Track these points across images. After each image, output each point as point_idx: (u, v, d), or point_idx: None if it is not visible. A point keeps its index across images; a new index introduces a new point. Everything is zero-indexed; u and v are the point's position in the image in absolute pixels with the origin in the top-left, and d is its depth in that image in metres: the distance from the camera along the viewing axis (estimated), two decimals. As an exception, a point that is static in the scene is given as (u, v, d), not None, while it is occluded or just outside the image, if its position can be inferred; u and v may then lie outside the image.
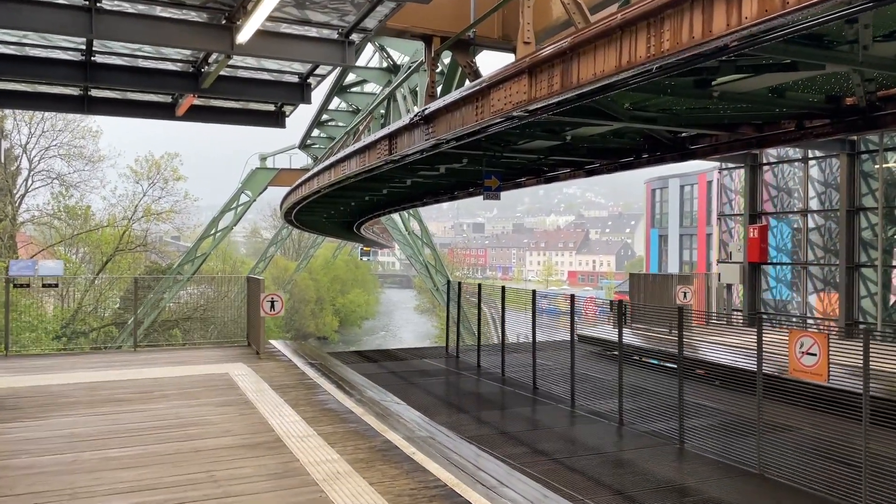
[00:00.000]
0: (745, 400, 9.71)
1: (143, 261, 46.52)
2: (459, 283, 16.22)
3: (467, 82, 10.99)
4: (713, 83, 8.30)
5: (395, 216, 49.47)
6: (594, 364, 15.64)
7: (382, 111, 22.92)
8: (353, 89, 24.99)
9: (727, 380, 10.94)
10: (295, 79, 10.94)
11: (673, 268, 52.24)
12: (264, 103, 13.18)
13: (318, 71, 10.83)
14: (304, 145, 36.31)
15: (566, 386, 12.06)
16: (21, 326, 24.70)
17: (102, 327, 41.23)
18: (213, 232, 41.21)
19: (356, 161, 15.12)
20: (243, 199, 40.96)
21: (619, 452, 8.86)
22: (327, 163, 18.23)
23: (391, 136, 12.48)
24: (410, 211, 43.14)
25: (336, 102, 27.96)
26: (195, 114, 12.86)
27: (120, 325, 40.62)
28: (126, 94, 12.32)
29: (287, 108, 13.35)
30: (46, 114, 37.59)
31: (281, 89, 11.03)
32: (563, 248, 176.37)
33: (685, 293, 15.45)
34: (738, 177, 18.20)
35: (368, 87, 25.20)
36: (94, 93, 12.13)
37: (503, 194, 24.95)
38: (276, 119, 13.42)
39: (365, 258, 71.06)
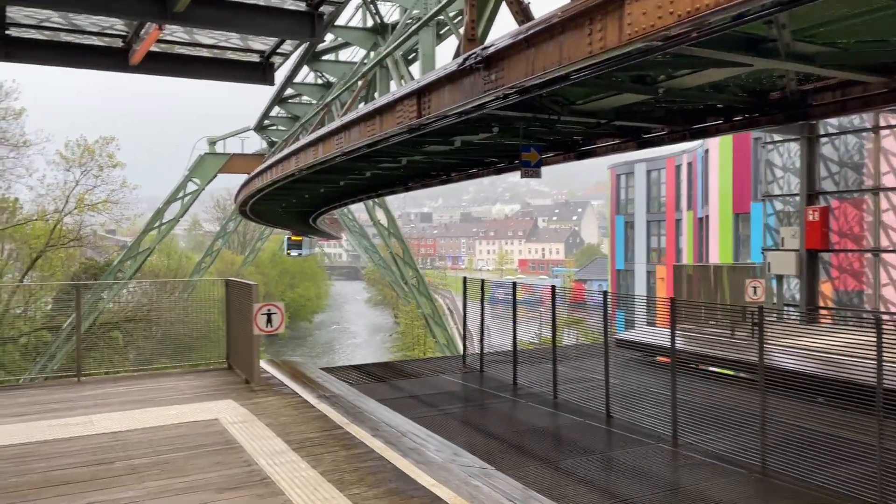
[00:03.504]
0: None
1: (77, 257, 42.11)
2: (483, 281, 13.36)
3: (511, 28, 8.10)
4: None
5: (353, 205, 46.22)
6: (642, 375, 13.08)
7: (360, 83, 19.77)
8: (326, 57, 21.72)
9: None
10: (302, 6, 7.90)
11: (640, 255, 50.73)
12: (246, 52, 10.06)
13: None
14: (260, 127, 32.69)
15: (652, 412, 9.38)
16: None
17: (33, 332, 36.87)
18: (157, 224, 37.15)
19: (359, 131, 12.07)
20: (191, 187, 37.00)
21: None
22: (312, 137, 15.09)
23: (422, 93, 9.49)
24: (376, 199, 39.95)
25: (302, 75, 24.63)
26: (154, 64, 9.61)
27: (53, 329, 36.36)
28: (59, 35, 9.07)
29: (276, 59, 10.26)
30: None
31: (282, 21, 7.95)
32: (512, 236, 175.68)
33: (755, 288, 13.00)
34: (789, 151, 15.87)
35: (344, 55, 22.01)
36: (14, 31, 8.83)
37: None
38: (261, 72, 10.27)
39: (294, 252, 48.35)
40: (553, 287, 11.28)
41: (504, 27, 8.78)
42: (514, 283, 12.41)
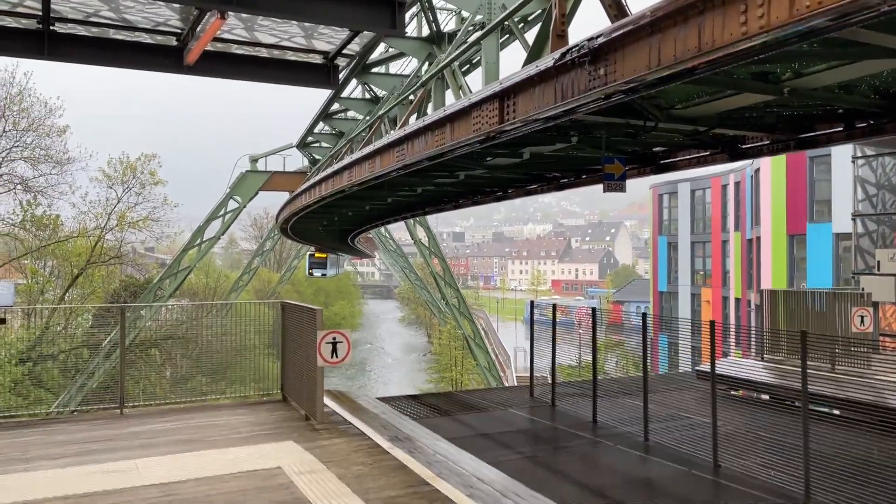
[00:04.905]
0: None
1: (117, 274, 41.89)
2: (554, 305, 12.20)
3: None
4: None
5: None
6: (737, 414, 11.75)
7: (412, 98, 18.85)
8: (376, 69, 20.91)
9: None
10: (381, -10, 6.94)
11: (684, 277, 49.16)
12: (309, 53, 9.14)
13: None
14: (303, 144, 32.07)
15: (771, 461, 8.09)
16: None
17: (73, 350, 36.57)
18: (197, 242, 36.70)
19: (425, 141, 11.09)
20: (231, 205, 36.54)
21: None
22: (369, 150, 14.16)
23: (505, 95, 8.46)
24: (418, 218, 39.03)
25: (349, 90, 23.89)
26: (210, 65, 8.71)
27: (93, 347, 36.01)
28: (107, 32, 8.25)
29: (340, 61, 9.34)
30: (7, 113, 33.11)
31: (358, 10, 6.99)
32: (545, 256, 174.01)
33: (862, 317, 11.64)
34: (883, 166, 14.50)
35: (394, 68, 21.18)
36: (60, 27, 8.04)
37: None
38: (325, 75, 9.32)
39: (318, 273, 42.70)
40: (644, 315, 10.10)
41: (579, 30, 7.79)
42: (595, 309, 11.24)
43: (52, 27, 7.80)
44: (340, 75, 9.90)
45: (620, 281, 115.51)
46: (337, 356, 7.86)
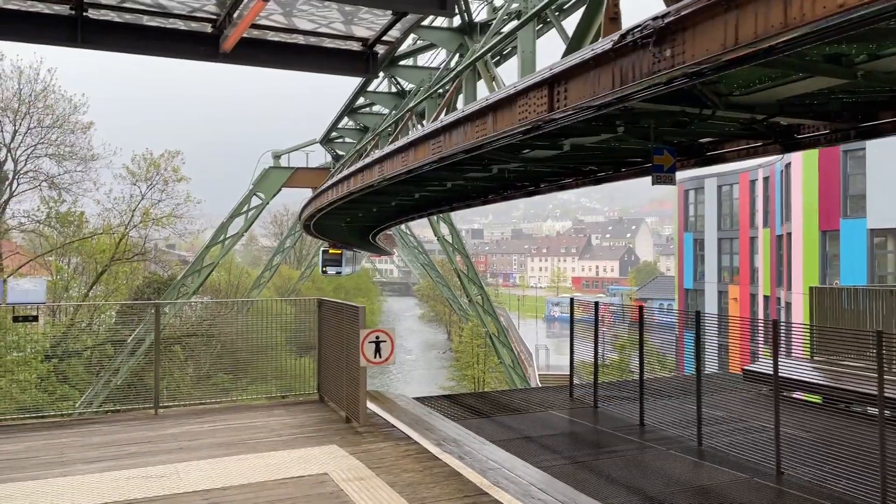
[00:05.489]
0: None
1: (141, 271, 41.93)
2: (597, 304, 11.76)
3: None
4: None
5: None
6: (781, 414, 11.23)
7: (441, 91, 18.43)
8: (404, 62, 20.53)
9: None
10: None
11: (711, 274, 48.41)
12: (347, 39, 8.79)
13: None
14: (327, 139, 31.80)
15: (839, 470, 7.61)
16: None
17: (97, 346, 36.61)
18: (221, 239, 36.60)
19: (464, 132, 10.69)
20: (255, 201, 36.40)
21: None
22: (403, 142, 13.79)
23: (555, 81, 8.04)
24: (444, 213, 38.66)
25: (375, 83, 23.55)
26: (245, 51, 8.39)
27: (117, 343, 36.06)
28: (141, 18, 7.94)
29: (379, 48, 8.98)
30: (32, 109, 33.18)
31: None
32: (565, 253, 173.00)
33: (922, 315, 11.10)
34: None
35: (422, 60, 20.79)
36: (93, 13, 7.74)
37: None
38: (363, 63, 8.96)
39: (332, 271, 39.98)
40: (697, 313, 9.64)
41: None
42: (641, 308, 10.79)
43: (85, 13, 7.51)
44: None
45: (642, 278, 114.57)
46: (380, 356, 7.50)
